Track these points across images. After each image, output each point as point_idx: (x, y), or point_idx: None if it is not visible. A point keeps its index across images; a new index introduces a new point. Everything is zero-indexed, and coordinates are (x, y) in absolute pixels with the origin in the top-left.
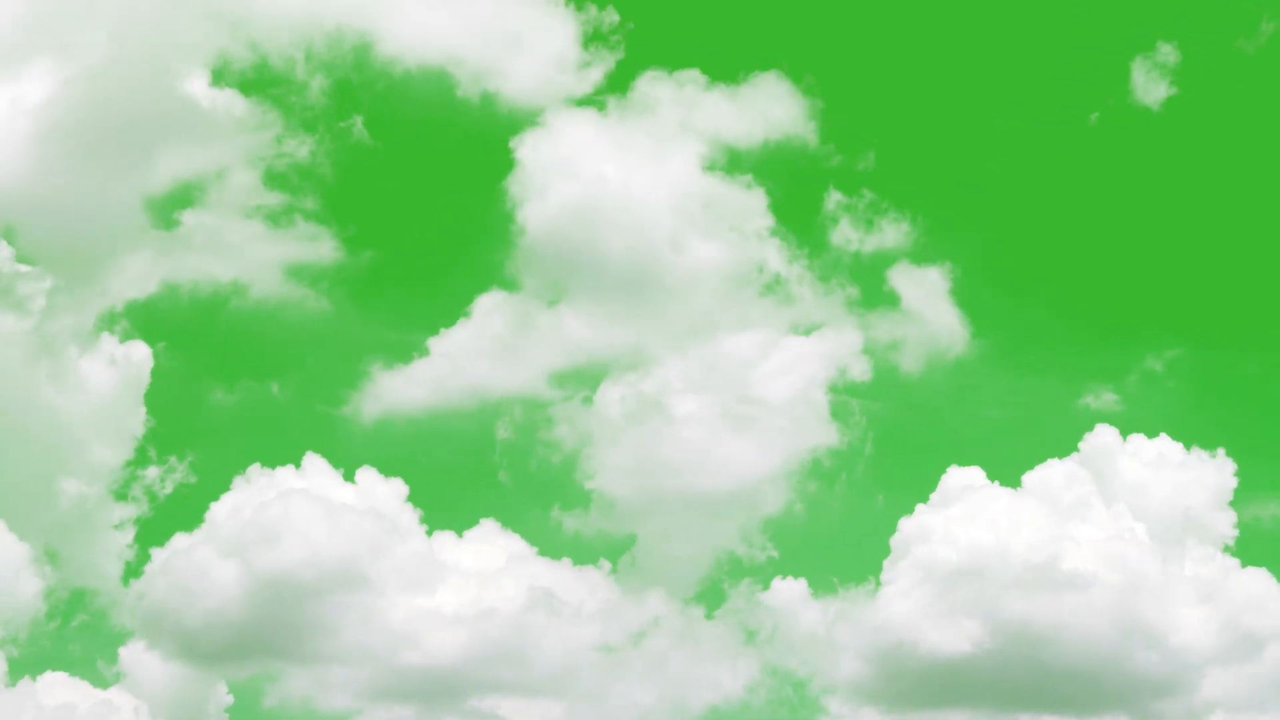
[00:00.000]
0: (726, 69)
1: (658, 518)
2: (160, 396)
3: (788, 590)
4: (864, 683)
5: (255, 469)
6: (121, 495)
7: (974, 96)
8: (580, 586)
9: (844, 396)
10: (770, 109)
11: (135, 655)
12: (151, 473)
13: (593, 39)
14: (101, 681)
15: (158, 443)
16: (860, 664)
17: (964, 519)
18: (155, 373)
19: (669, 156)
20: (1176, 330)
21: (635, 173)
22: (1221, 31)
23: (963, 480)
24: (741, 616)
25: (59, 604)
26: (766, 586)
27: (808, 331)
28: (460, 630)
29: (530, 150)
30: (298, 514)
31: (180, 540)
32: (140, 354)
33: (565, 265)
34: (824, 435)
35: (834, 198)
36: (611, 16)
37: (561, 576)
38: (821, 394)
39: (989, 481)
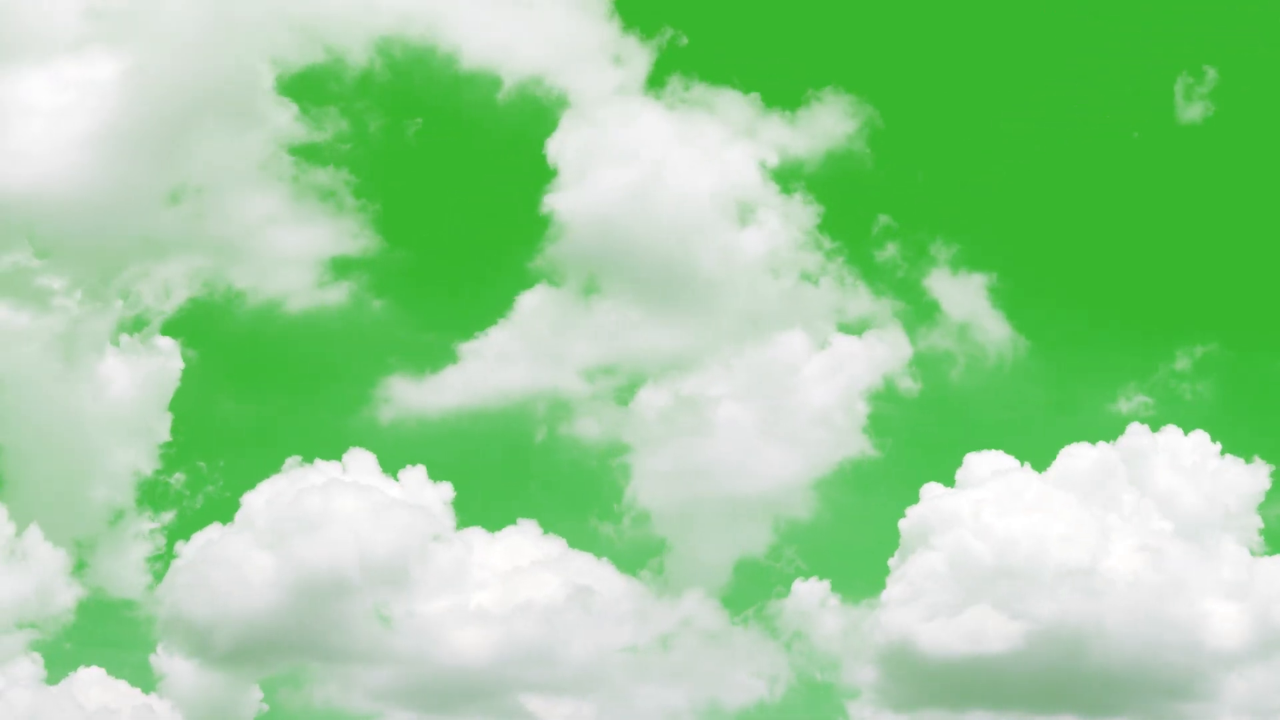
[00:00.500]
0: (789, 92)
1: (690, 521)
2: (192, 399)
3: (816, 596)
4: (889, 684)
5: (291, 464)
6: (151, 500)
7: (1022, 116)
8: (611, 588)
9: (882, 403)
10: (829, 128)
11: (168, 658)
12: (180, 477)
13: (664, 61)
14: (136, 684)
15: (187, 447)
16: (886, 666)
17: (992, 512)
18: (186, 375)
19: (723, 162)
20: (1214, 335)
21: (686, 176)
22: (1260, 54)
23: (990, 469)
24: (769, 621)
25: (93, 608)
26: (795, 592)
27: (859, 332)
28: (491, 629)
29: (586, 155)
30: (331, 511)
31: (209, 539)
32: (170, 355)
33: (609, 267)
34: (860, 443)
35: (884, 213)
36: (681, 39)
37: (593, 578)
38: (861, 401)
39: (1019, 466)
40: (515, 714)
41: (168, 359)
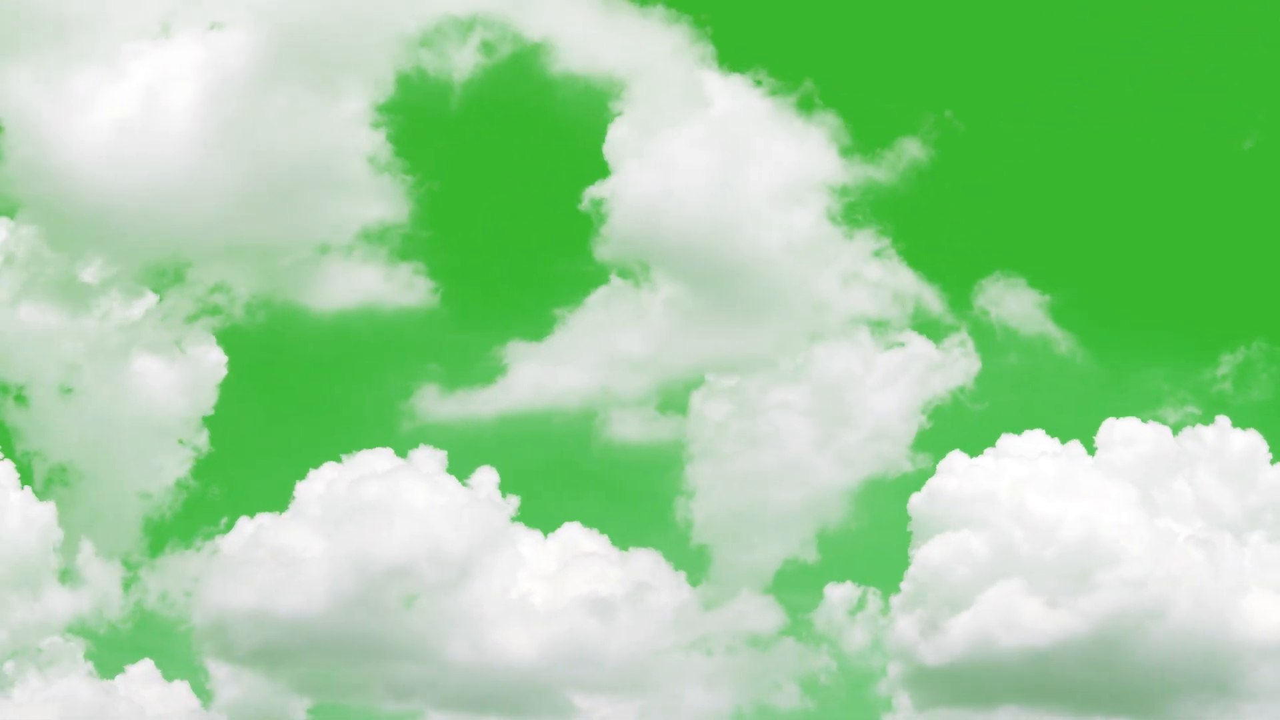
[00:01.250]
0: (869, 116)
1: (740, 526)
2: (236, 404)
3: (860, 603)
4: (927, 686)
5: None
6: (195, 511)
7: (1085, 148)
8: (659, 590)
9: (936, 415)
10: (906, 150)
11: (210, 662)
12: (222, 487)
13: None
14: (185, 690)
15: (229, 455)
16: (924, 668)
17: (1025, 491)
18: (229, 380)
19: (795, 170)
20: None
21: (756, 182)
22: None
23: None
24: (807, 627)
25: (141, 618)
26: (839, 599)
27: (920, 345)
28: (541, 629)
29: (655, 157)
30: (382, 509)
31: (254, 530)
32: (214, 360)
33: (669, 267)
34: (912, 453)
35: (951, 229)
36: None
37: (641, 580)
38: (916, 411)
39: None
40: (564, 711)
41: (211, 363)
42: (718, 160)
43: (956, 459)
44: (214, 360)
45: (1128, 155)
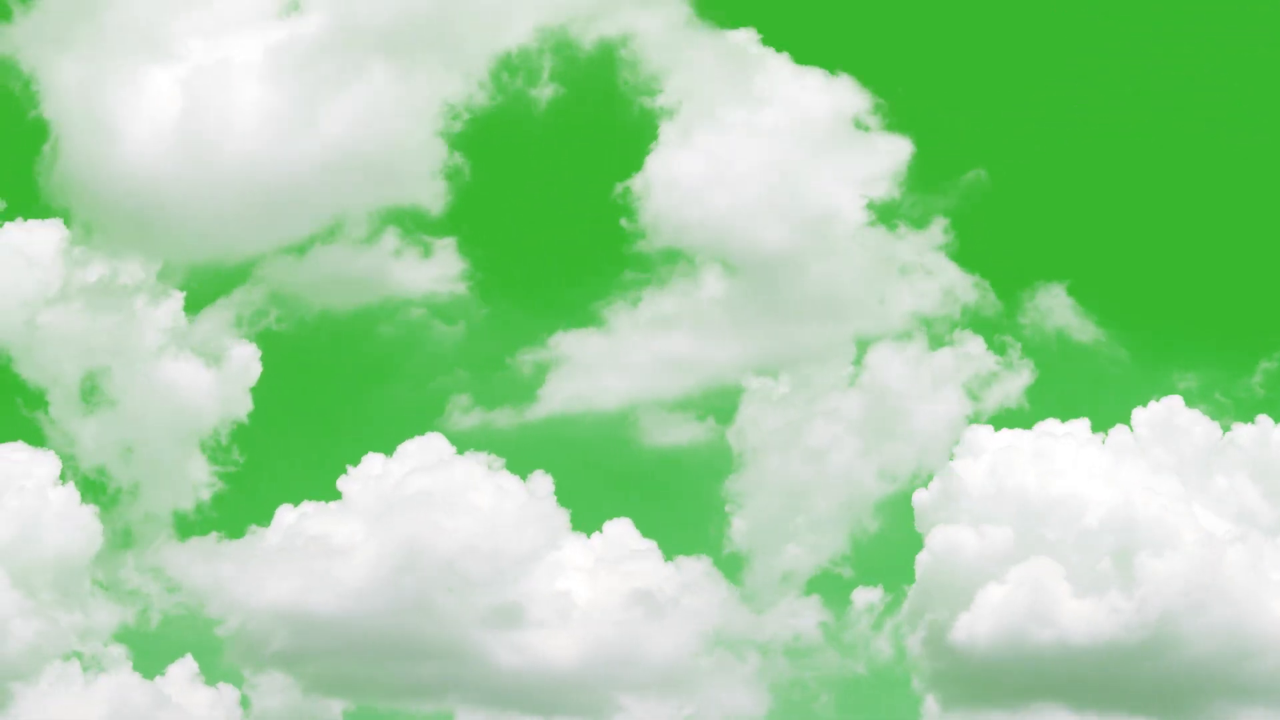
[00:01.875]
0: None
1: (775, 531)
2: (272, 408)
3: (892, 606)
4: (951, 686)
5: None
6: (229, 516)
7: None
8: (696, 592)
9: (982, 422)
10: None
11: (252, 666)
12: (259, 485)
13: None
14: (224, 695)
15: (270, 453)
16: (947, 668)
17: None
18: (263, 382)
19: (849, 172)
20: None
21: (812, 183)
22: None
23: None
24: (847, 630)
25: (180, 618)
26: (874, 603)
27: (968, 352)
28: (582, 630)
29: (708, 154)
30: (420, 507)
31: (289, 536)
32: (248, 361)
33: (715, 267)
34: (952, 460)
35: (1003, 239)
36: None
37: (679, 580)
38: (961, 418)
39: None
40: (603, 711)
41: (247, 362)
42: (772, 160)
43: (982, 436)
44: (249, 359)
45: (1171, 168)
